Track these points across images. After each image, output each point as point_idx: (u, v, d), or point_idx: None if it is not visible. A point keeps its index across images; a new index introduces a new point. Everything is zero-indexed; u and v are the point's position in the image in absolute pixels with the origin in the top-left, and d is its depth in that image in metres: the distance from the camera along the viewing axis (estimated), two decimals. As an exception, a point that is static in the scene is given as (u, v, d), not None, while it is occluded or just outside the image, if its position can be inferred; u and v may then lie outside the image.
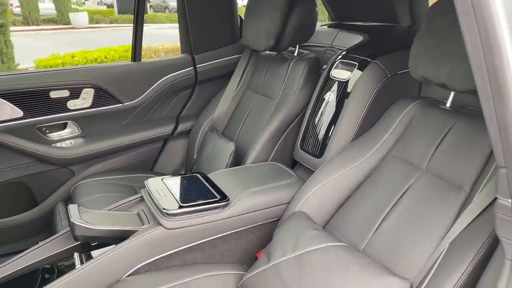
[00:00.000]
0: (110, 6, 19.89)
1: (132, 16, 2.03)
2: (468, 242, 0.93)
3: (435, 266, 0.96)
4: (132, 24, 2.07)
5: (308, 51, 1.83)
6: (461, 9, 0.64)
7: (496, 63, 0.64)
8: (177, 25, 2.15)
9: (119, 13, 16.54)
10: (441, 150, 1.15)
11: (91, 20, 15.09)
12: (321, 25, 2.21)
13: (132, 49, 2.06)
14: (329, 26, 2.20)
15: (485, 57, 0.65)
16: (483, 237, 0.91)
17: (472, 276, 0.89)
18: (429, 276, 0.95)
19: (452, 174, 1.10)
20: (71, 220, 1.17)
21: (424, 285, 0.95)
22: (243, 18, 1.88)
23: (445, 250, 0.96)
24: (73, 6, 15.44)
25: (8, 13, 5.60)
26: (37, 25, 13.96)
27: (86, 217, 1.21)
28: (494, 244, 0.91)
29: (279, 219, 1.37)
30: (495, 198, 0.75)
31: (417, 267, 1.02)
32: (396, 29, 1.96)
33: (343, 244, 1.12)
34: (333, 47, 1.92)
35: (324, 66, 1.68)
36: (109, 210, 1.35)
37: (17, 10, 14.84)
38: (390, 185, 1.20)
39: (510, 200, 0.71)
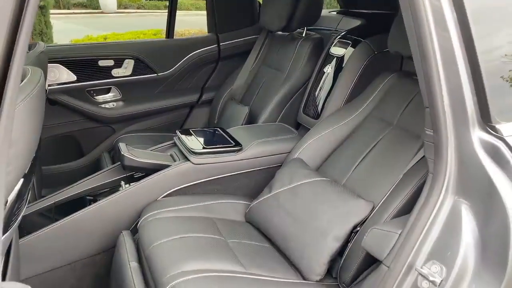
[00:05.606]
0: (137, -9, 20.29)
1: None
2: (415, 172, 1.26)
3: (390, 190, 1.29)
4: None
5: (315, 33, 2.15)
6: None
7: (421, 34, 0.96)
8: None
9: (146, -2, 16.95)
10: (407, 110, 1.47)
11: (119, 6, 15.54)
12: (329, 12, 2.51)
13: (166, 28, 2.42)
14: (337, 12, 2.50)
15: (415, 30, 0.97)
16: (425, 168, 1.23)
17: (416, 195, 1.22)
18: (385, 197, 1.28)
19: (413, 127, 1.42)
20: (122, 153, 1.55)
21: (380, 203, 1.29)
22: (261, 3, 2.21)
23: (399, 179, 1.29)
24: (102, -9, 15.91)
25: (47, -4, 6.04)
26: (68, 8, 14.50)
27: (132, 152, 1.58)
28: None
29: (281, 165, 1.72)
30: None
31: (381, 193, 1.35)
32: (391, 16, 2.24)
33: (326, 179, 1.46)
34: (337, 30, 2.21)
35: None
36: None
37: (50, -7, 15.36)
38: (368, 137, 1.53)
39: (431, 130, 1.03)
